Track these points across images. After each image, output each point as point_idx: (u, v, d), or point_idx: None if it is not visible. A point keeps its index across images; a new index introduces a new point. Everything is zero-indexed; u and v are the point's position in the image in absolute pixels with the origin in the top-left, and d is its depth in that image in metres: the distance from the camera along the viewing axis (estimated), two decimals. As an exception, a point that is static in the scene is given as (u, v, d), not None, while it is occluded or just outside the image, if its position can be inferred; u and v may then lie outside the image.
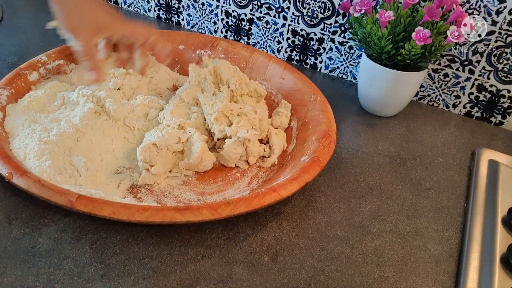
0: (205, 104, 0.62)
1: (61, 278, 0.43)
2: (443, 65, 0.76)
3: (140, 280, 0.44)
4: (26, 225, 0.48)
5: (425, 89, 0.80)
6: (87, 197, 0.44)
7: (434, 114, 0.79)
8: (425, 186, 0.62)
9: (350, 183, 0.61)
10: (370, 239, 0.52)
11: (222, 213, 0.45)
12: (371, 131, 0.72)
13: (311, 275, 0.47)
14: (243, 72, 0.74)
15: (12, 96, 0.59)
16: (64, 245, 0.46)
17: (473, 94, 0.77)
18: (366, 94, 0.75)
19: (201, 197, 0.55)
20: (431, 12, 0.63)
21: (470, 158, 0.68)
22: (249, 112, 0.62)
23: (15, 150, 0.52)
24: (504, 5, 0.67)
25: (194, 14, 0.96)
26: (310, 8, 0.82)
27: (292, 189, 0.49)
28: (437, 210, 0.58)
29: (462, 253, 0.51)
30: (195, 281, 0.45)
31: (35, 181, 0.45)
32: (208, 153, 0.58)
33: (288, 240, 0.51)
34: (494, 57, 0.72)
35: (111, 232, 0.49)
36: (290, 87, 0.71)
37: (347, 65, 0.85)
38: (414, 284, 0.48)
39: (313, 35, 0.85)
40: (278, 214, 0.54)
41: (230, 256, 0.48)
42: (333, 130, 0.60)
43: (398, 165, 0.65)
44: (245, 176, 0.59)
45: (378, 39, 0.66)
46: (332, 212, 0.55)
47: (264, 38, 0.90)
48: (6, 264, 0.44)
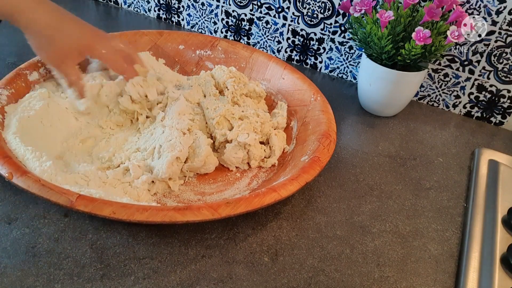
0: (207, 108, 0.62)
1: (61, 278, 0.43)
2: (443, 65, 0.76)
3: (140, 280, 0.44)
4: (26, 225, 0.48)
5: (425, 89, 0.80)
6: (87, 197, 0.44)
7: (434, 114, 0.79)
8: (425, 186, 0.62)
9: (350, 183, 0.61)
10: (370, 239, 0.52)
11: (222, 213, 0.45)
12: (371, 131, 0.72)
13: (311, 275, 0.47)
14: (243, 72, 0.75)
15: (12, 96, 0.59)
16: (64, 245, 0.46)
17: (473, 94, 0.77)
18: (366, 94, 0.75)
19: (201, 197, 0.55)
20: (431, 12, 0.63)
21: (470, 158, 0.68)
22: (251, 116, 0.62)
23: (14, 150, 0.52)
24: (504, 5, 0.67)
25: (194, 14, 0.96)
26: (310, 8, 0.82)
27: (292, 189, 0.49)
28: (437, 210, 0.58)
29: (462, 253, 0.51)
30: (195, 281, 0.45)
31: (35, 181, 0.45)
32: (212, 157, 0.58)
33: (288, 240, 0.51)
34: (494, 57, 0.72)
35: (111, 232, 0.49)
36: (290, 87, 0.71)
37: (347, 65, 0.85)
38: (414, 284, 0.48)
39: (313, 35, 0.85)
40: (278, 214, 0.54)
41: (230, 256, 0.48)
42: (333, 130, 0.60)
43: (398, 165, 0.65)
44: (245, 176, 0.59)
45: (378, 39, 0.66)
46: (332, 212, 0.55)
47: (264, 38, 0.90)
48: (6, 264, 0.44)
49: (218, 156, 0.60)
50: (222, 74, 0.67)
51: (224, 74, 0.67)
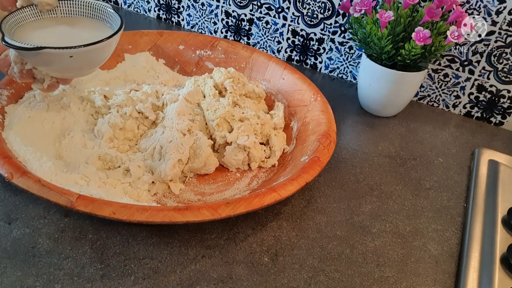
0: (207, 110, 0.62)
1: (61, 278, 0.43)
2: (443, 65, 0.76)
3: (140, 280, 0.44)
4: (26, 225, 0.48)
5: (425, 89, 0.80)
6: (87, 197, 0.44)
7: (434, 114, 0.79)
8: (425, 186, 0.62)
9: (350, 183, 0.61)
10: (370, 239, 0.52)
11: (222, 213, 0.45)
12: (371, 131, 0.73)
13: (311, 275, 0.47)
14: (243, 72, 0.75)
15: (12, 96, 0.59)
16: (64, 245, 0.46)
17: (473, 94, 0.77)
18: (366, 94, 0.75)
19: (201, 197, 0.55)
20: (431, 12, 0.63)
21: (470, 158, 0.68)
22: (251, 117, 0.62)
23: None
24: (504, 5, 0.67)
25: (194, 14, 0.96)
26: (310, 8, 0.82)
27: (292, 189, 0.49)
28: (437, 210, 0.58)
29: (462, 253, 0.51)
30: (195, 281, 0.45)
31: (35, 181, 0.45)
32: (213, 158, 0.58)
33: (288, 240, 0.51)
34: (494, 57, 0.72)
35: (111, 232, 0.49)
36: (290, 87, 0.71)
37: (347, 65, 0.85)
38: (414, 284, 0.48)
39: (313, 35, 0.85)
40: (278, 214, 0.54)
41: (230, 256, 0.48)
42: (333, 130, 0.60)
43: (398, 165, 0.65)
44: (245, 176, 0.60)
45: (378, 39, 0.66)
46: (332, 212, 0.55)
47: (264, 38, 0.90)
48: (6, 264, 0.44)
49: (218, 157, 0.60)
50: (220, 75, 0.67)
51: (222, 75, 0.67)
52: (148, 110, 0.61)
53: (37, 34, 0.46)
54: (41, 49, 0.41)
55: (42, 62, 0.44)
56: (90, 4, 0.49)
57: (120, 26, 0.45)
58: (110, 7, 0.48)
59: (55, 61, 0.43)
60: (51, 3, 0.47)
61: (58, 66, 0.44)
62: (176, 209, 0.44)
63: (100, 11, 0.48)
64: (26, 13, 0.46)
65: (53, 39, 0.46)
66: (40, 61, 0.43)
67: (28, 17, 0.47)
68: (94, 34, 0.47)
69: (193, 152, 0.57)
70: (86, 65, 0.46)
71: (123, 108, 0.60)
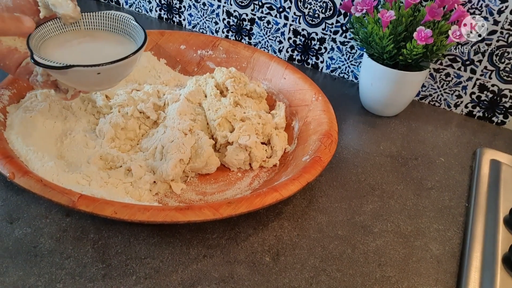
0: (209, 110, 0.62)
1: (63, 277, 0.43)
2: (445, 65, 0.76)
3: (142, 280, 0.44)
4: (28, 225, 0.48)
5: (427, 88, 0.80)
6: (88, 197, 0.44)
7: (436, 113, 0.79)
8: (427, 186, 0.62)
9: (351, 183, 0.61)
10: (372, 239, 0.52)
11: (224, 213, 0.45)
12: (373, 131, 0.72)
13: (312, 275, 0.47)
14: (244, 72, 0.75)
15: (14, 96, 0.59)
16: (66, 244, 0.47)
17: (475, 93, 0.77)
18: (368, 94, 0.75)
19: (202, 197, 0.55)
20: (433, 12, 0.63)
21: (471, 158, 0.68)
22: (253, 117, 0.62)
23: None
24: (505, 5, 0.67)
25: (196, 14, 0.96)
26: (311, 8, 0.82)
27: (293, 189, 0.49)
28: (438, 210, 0.58)
29: (464, 253, 0.51)
30: (196, 280, 0.45)
31: (37, 181, 0.45)
32: (214, 158, 0.58)
33: (290, 240, 0.51)
34: (496, 57, 0.72)
35: (113, 232, 0.49)
36: (291, 87, 0.71)
37: (348, 65, 0.85)
38: (416, 284, 0.48)
39: (314, 35, 0.85)
40: (280, 214, 0.54)
41: (231, 256, 0.48)
42: (334, 130, 0.60)
43: (399, 165, 0.65)
44: (247, 176, 0.60)
45: (380, 39, 0.66)
46: (333, 212, 0.55)
47: (265, 38, 0.90)
48: (8, 263, 0.44)
49: (219, 157, 0.60)
50: (221, 75, 0.67)
51: (223, 75, 0.67)
52: (149, 110, 0.61)
53: (62, 50, 0.46)
54: (70, 68, 0.41)
55: (69, 78, 0.44)
56: (114, 16, 0.49)
57: (144, 39, 0.46)
58: (133, 18, 0.48)
59: (82, 78, 0.43)
60: (75, 16, 0.48)
61: (84, 81, 0.45)
62: (178, 208, 0.44)
63: (123, 23, 0.49)
64: (50, 27, 0.47)
65: (78, 55, 0.47)
66: (67, 77, 0.44)
67: (52, 31, 0.47)
68: (118, 48, 0.47)
69: (194, 152, 0.57)
70: (112, 80, 0.47)
71: (125, 108, 0.60)
